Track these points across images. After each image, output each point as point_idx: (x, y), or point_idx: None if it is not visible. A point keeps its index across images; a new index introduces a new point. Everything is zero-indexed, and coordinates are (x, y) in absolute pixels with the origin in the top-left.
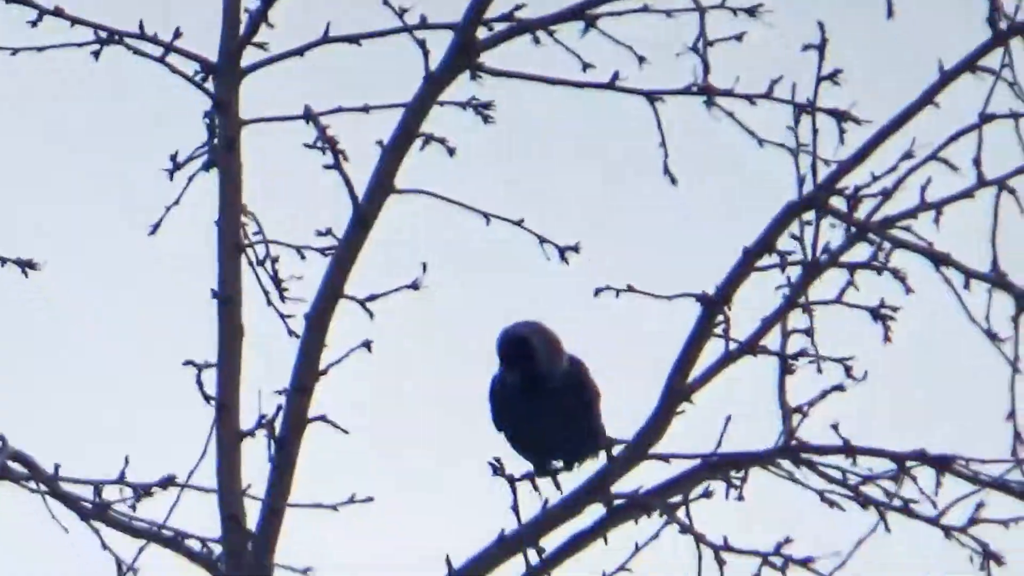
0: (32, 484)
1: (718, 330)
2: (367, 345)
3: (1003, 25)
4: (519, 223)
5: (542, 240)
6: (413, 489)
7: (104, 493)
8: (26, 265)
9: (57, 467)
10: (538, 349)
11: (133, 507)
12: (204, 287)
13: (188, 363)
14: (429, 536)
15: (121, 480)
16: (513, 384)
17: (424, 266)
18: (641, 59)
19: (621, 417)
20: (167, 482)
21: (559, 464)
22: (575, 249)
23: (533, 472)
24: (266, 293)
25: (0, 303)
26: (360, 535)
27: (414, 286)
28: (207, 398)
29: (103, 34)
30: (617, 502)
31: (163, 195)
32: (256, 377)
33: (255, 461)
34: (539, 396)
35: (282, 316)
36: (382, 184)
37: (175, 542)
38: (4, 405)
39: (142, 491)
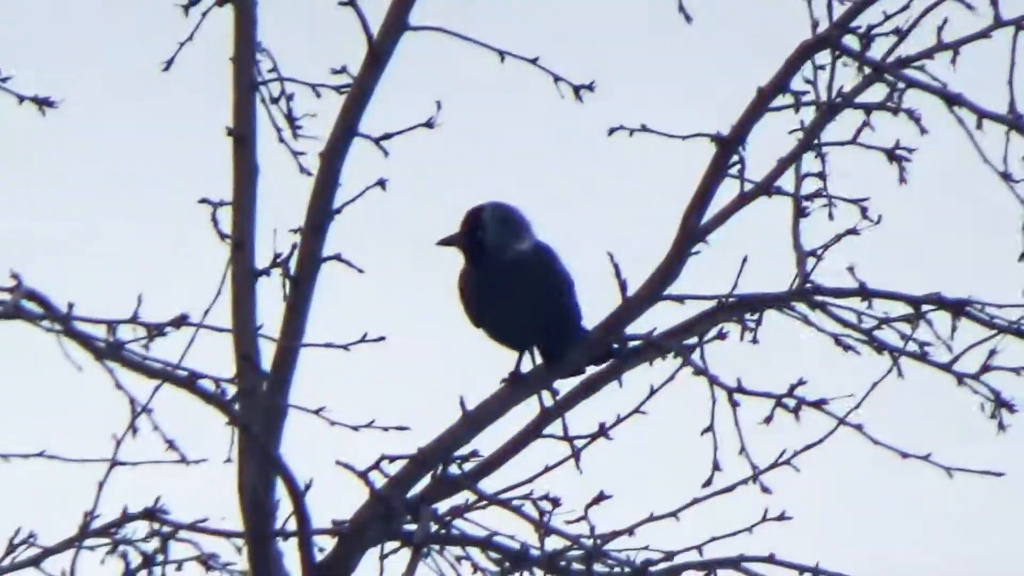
0: (46, 323)
1: (732, 171)
2: (381, 184)
3: None
4: (534, 61)
5: (557, 78)
6: (427, 330)
7: (118, 332)
8: (43, 103)
9: (71, 306)
10: (488, 220)
11: (147, 346)
12: (219, 125)
13: (203, 201)
14: (443, 378)
15: (135, 319)
16: (448, 242)
17: (438, 104)
18: None
19: (636, 259)
20: (181, 321)
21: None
22: (590, 88)
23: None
24: (280, 131)
25: (17, 141)
26: (373, 376)
27: (429, 124)
28: (222, 236)
29: None
30: (631, 344)
31: (177, 31)
32: (271, 215)
33: (269, 300)
34: (492, 272)
35: (296, 154)
36: (397, 21)
37: (189, 382)
38: (18, 244)
39: (156, 330)
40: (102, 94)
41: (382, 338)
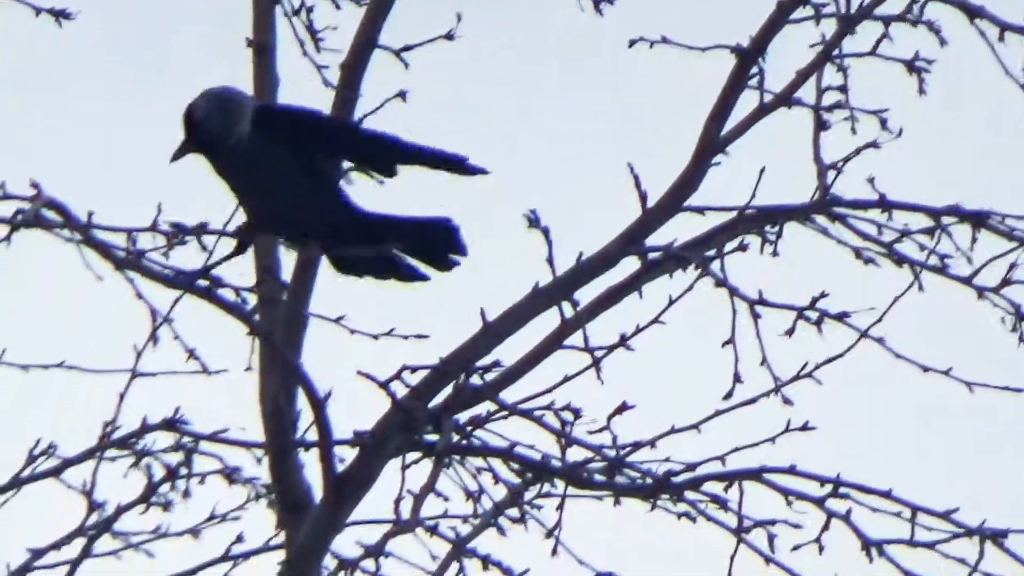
0: (66, 232)
1: (752, 82)
2: (402, 95)
3: None
4: None
5: None
6: None
7: (138, 242)
8: (59, 15)
9: (91, 214)
10: (203, 116)
11: (167, 255)
12: (239, 36)
13: None
14: (463, 289)
15: (155, 228)
16: (179, 155)
17: (459, 16)
18: None
19: (656, 171)
20: (201, 230)
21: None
22: (610, 0)
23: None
24: (301, 43)
25: (34, 53)
26: (394, 286)
27: (449, 36)
28: None
29: None
30: (652, 255)
31: None
32: None
33: None
34: (228, 166)
35: (317, 66)
36: None
37: (209, 291)
38: (37, 153)
39: (176, 239)
40: (119, 4)
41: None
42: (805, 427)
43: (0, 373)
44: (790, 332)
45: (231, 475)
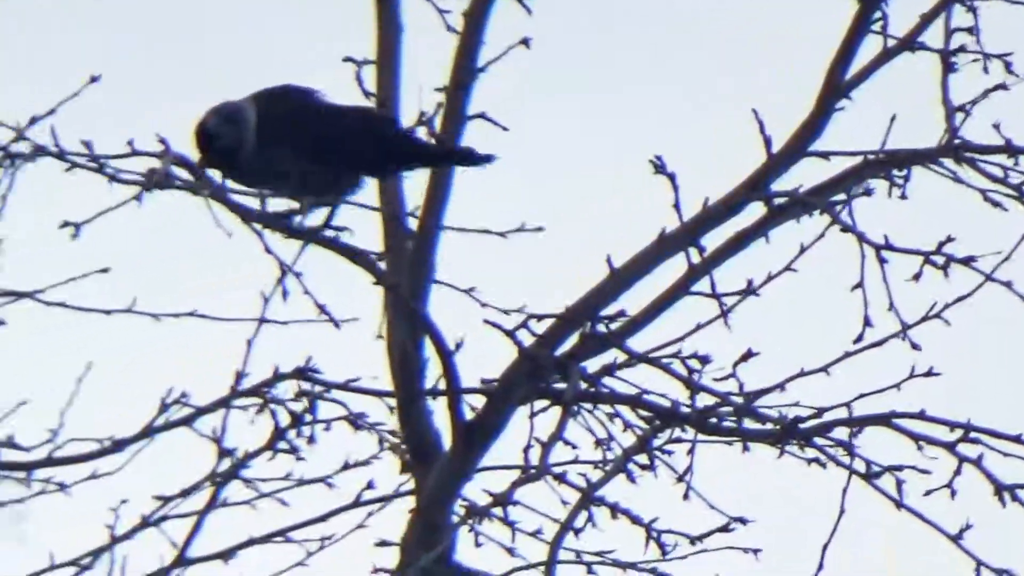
0: (196, 189)
1: (876, 27)
2: (525, 42)
3: None
4: None
5: None
6: (572, 194)
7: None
8: None
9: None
10: (216, 129)
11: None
12: None
13: (348, 59)
14: (589, 237)
15: None
16: (199, 170)
17: None
18: None
19: (780, 116)
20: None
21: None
22: None
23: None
24: None
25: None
26: (522, 256)
27: None
28: (366, 94)
29: None
30: (777, 200)
31: None
32: (415, 74)
33: None
34: (237, 172)
35: (440, 12)
36: None
37: (337, 243)
38: (164, 113)
39: None
40: None
41: (540, 228)
42: (930, 373)
43: (131, 322)
44: (917, 277)
45: (356, 421)
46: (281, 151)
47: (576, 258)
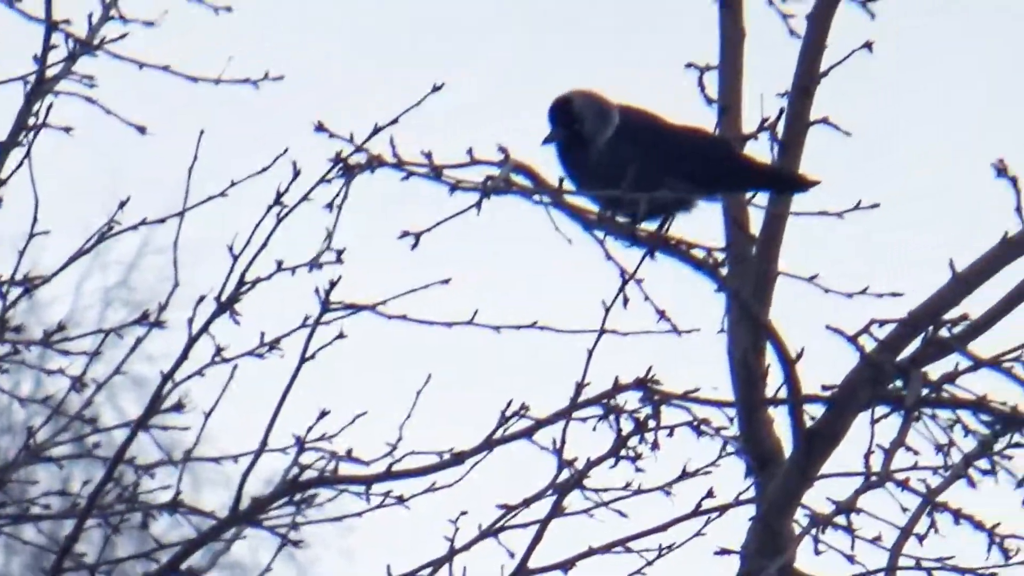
0: (536, 197)
1: None
2: (868, 46)
3: None
4: None
5: None
6: (917, 191)
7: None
8: None
9: (561, 180)
10: (582, 110)
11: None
12: None
13: (690, 66)
14: (932, 242)
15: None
16: (549, 142)
17: None
18: None
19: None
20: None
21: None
22: None
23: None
24: None
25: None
26: (866, 239)
27: None
28: (709, 100)
29: None
30: None
31: None
32: (757, 79)
33: None
34: (582, 158)
35: (783, 16)
36: None
37: (679, 249)
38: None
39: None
40: None
41: (875, 205)
42: None
43: (473, 334)
44: None
45: (700, 426)
46: (635, 150)
47: (919, 268)
